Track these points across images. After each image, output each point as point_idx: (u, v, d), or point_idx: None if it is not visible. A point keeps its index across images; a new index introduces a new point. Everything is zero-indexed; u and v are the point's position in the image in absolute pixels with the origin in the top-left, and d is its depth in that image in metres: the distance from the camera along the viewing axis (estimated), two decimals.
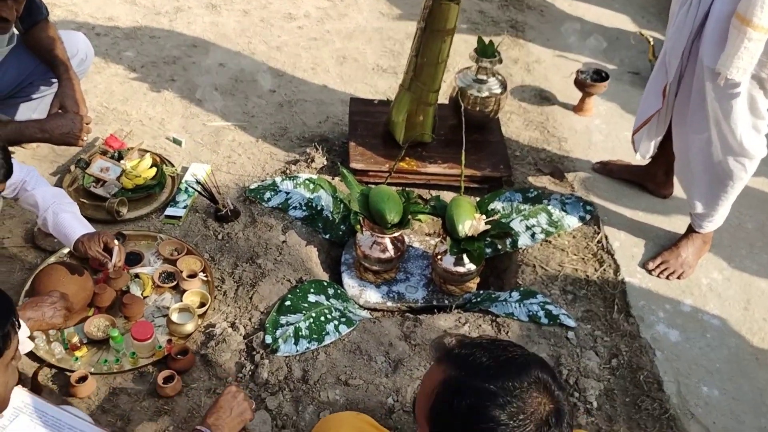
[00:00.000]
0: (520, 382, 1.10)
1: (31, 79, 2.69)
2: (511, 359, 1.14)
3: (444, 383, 1.14)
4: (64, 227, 2.17)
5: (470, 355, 1.15)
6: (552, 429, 1.09)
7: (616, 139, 3.35)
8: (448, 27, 2.57)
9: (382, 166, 2.79)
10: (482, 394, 1.09)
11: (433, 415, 1.15)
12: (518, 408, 1.08)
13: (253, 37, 3.69)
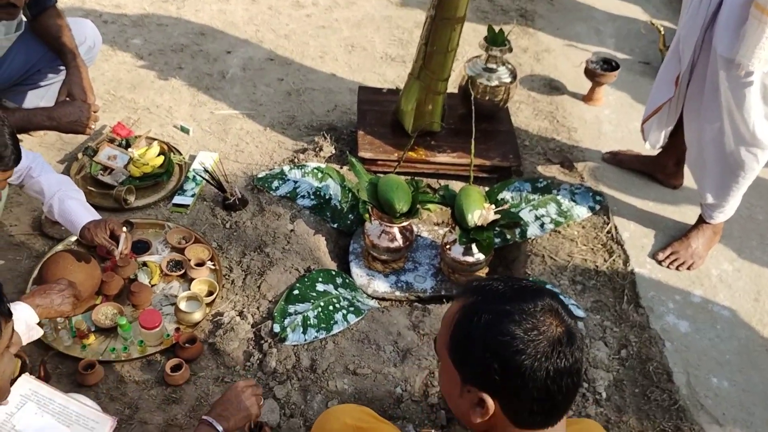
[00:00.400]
0: (533, 305, 1.18)
1: (38, 67, 2.67)
2: (524, 287, 1.23)
3: (463, 308, 1.22)
4: (70, 214, 2.17)
5: (487, 285, 1.24)
6: (564, 348, 1.16)
7: (625, 129, 3.32)
8: (458, 15, 2.55)
9: (390, 155, 2.78)
10: (499, 313, 1.17)
11: (453, 340, 1.23)
12: (532, 325, 1.15)
13: (261, 25, 3.67)
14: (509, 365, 1.14)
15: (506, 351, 1.14)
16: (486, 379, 1.17)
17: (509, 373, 1.15)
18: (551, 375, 1.15)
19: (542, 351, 1.14)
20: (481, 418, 1.21)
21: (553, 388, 1.16)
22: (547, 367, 1.14)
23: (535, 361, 1.14)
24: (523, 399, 1.16)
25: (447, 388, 1.29)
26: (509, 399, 1.18)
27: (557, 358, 1.15)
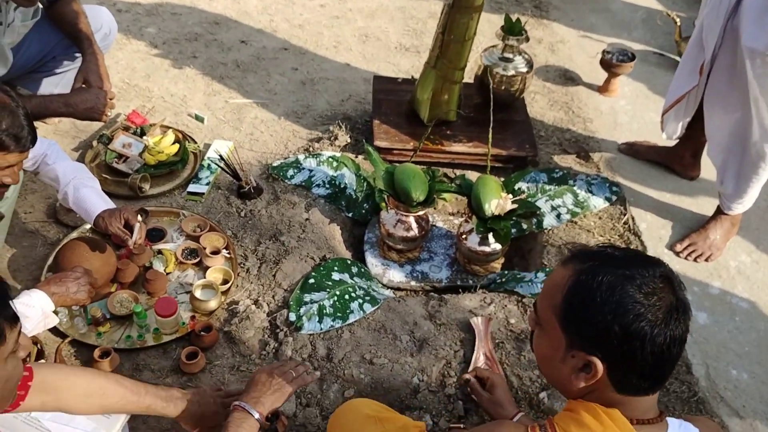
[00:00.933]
0: (653, 271, 1.19)
1: (54, 54, 2.67)
2: (639, 254, 1.26)
3: (579, 272, 1.21)
4: (84, 202, 2.15)
5: (602, 251, 1.25)
6: (680, 315, 1.18)
7: (641, 120, 3.29)
8: (476, 4, 2.53)
9: (406, 144, 2.76)
10: (621, 276, 1.18)
11: (567, 302, 1.22)
12: (652, 290, 1.16)
13: (275, 14, 3.66)
14: (631, 329, 1.15)
15: (629, 315, 1.15)
16: (603, 342, 1.18)
17: (630, 337, 1.15)
18: (668, 341, 1.16)
19: (661, 317, 1.16)
20: (585, 383, 1.22)
21: (666, 355, 1.17)
22: (665, 333, 1.16)
23: (654, 327, 1.15)
24: (638, 364, 1.17)
25: (547, 353, 1.29)
26: (622, 364, 1.18)
27: (674, 325, 1.17)
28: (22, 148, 1.76)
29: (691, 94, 2.70)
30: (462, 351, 2.16)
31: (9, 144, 1.72)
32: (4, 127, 1.69)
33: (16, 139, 1.73)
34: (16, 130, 1.72)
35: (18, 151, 1.76)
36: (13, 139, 1.72)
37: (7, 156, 1.74)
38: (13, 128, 1.71)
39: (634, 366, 1.18)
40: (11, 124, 1.70)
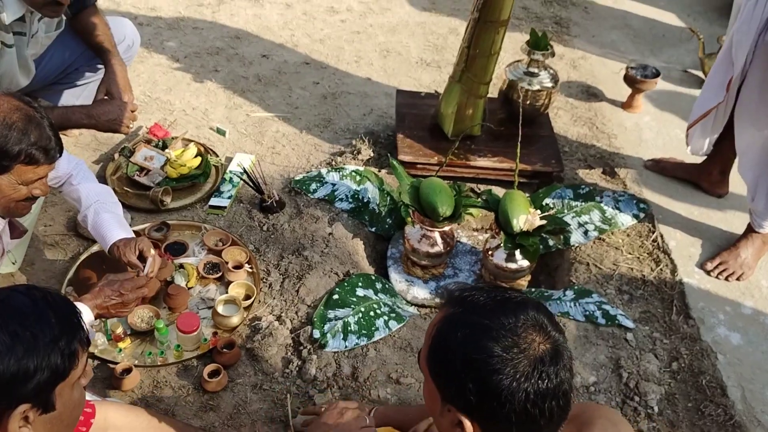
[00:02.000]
0: (515, 319, 1.11)
1: (76, 65, 2.65)
2: (508, 299, 1.16)
3: (442, 320, 1.17)
4: (102, 228, 2.09)
5: (469, 296, 1.18)
6: (547, 367, 1.09)
7: (666, 136, 3.25)
8: (502, 18, 2.50)
9: (430, 158, 2.72)
10: (477, 327, 1.11)
11: (431, 353, 1.16)
12: (512, 342, 1.08)
13: (296, 29, 3.65)
14: (485, 385, 1.07)
15: (482, 370, 1.07)
16: (463, 398, 1.10)
17: (486, 395, 1.07)
18: (531, 397, 1.06)
19: (522, 371, 1.06)
20: None
21: (534, 411, 1.07)
22: (526, 388, 1.06)
23: (513, 382, 1.06)
24: (502, 423, 1.08)
25: (428, 404, 1.21)
26: (487, 422, 1.10)
27: (539, 378, 1.07)
28: (51, 160, 1.73)
29: (719, 110, 2.65)
30: None
31: (39, 157, 1.70)
32: (32, 140, 1.67)
33: (45, 152, 1.71)
34: (44, 143, 1.69)
35: (47, 164, 1.73)
36: (42, 151, 1.70)
37: (37, 169, 1.72)
38: (42, 141, 1.69)
39: (500, 425, 1.09)
40: (39, 136, 1.68)
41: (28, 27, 2.26)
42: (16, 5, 2.14)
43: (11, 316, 1.12)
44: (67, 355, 1.15)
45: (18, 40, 2.24)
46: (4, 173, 1.68)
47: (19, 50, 2.27)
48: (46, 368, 1.12)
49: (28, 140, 1.66)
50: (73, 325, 1.19)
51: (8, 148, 1.64)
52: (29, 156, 1.68)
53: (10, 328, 1.10)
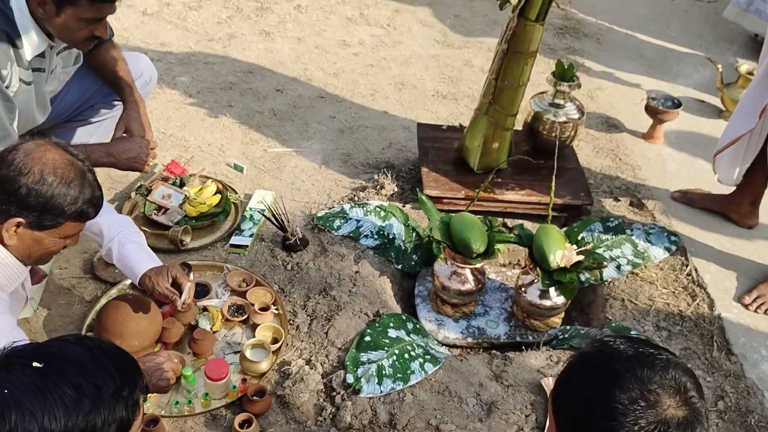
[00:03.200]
0: (651, 374, 1.02)
1: (91, 102, 2.58)
2: (652, 354, 1.07)
3: (574, 357, 1.12)
4: (129, 260, 2.02)
5: (611, 341, 1.10)
6: None
7: (691, 167, 3.19)
8: (531, 49, 2.45)
9: (457, 192, 2.64)
10: (606, 370, 1.04)
11: (555, 388, 1.10)
12: (640, 395, 1.00)
13: (309, 63, 3.60)
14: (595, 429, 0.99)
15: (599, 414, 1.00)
16: None
17: None
18: None
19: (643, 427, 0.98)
20: None
21: None
22: None
23: None
24: None
25: None
26: None
27: None
28: (97, 215, 1.68)
29: (751, 140, 2.61)
30: (534, 415, 2.00)
31: (90, 213, 1.66)
32: (87, 198, 1.63)
33: (95, 208, 1.67)
34: (96, 200, 1.66)
35: (93, 218, 1.67)
36: (94, 207, 1.67)
37: (83, 224, 1.66)
38: (94, 198, 1.65)
39: None
40: (92, 193, 1.65)
41: (47, 63, 2.19)
42: (39, 40, 2.07)
43: (72, 369, 1.04)
44: (130, 405, 1.08)
45: (37, 77, 2.17)
46: (52, 229, 1.61)
47: (38, 87, 2.20)
48: (112, 422, 1.04)
49: (84, 198, 1.62)
50: (132, 374, 1.11)
51: (65, 207, 1.60)
52: (82, 213, 1.64)
53: (74, 381, 1.02)
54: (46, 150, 1.61)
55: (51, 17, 2.02)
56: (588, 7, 4.46)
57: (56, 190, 1.58)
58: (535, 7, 2.37)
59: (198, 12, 3.92)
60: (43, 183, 1.57)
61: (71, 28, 2.05)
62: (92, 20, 2.05)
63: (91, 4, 2.01)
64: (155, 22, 3.79)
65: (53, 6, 1.99)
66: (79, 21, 2.03)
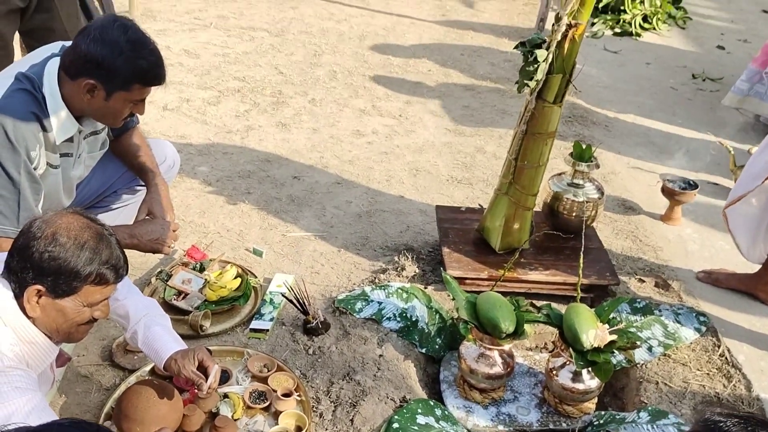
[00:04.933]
0: None
1: (115, 188, 2.59)
2: None
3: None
4: (155, 342, 1.97)
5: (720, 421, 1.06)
6: None
7: (712, 248, 3.17)
8: (550, 130, 2.48)
9: (480, 273, 2.61)
10: None
11: None
12: None
13: (325, 151, 3.65)
14: None
15: None
16: None
17: None
18: None
19: None
20: None
21: None
22: None
23: None
24: None
25: None
26: None
27: None
28: (119, 279, 1.65)
29: None
30: None
31: (109, 277, 1.61)
32: (104, 259, 1.58)
33: (115, 270, 1.62)
34: (115, 261, 1.62)
35: (115, 283, 1.64)
36: (113, 270, 1.62)
37: (104, 289, 1.63)
38: (113, 259, 1.61)
39: None
40: (110, 255, 1.61)
41: (75, 147, 2.21)
42: (69, 124, 2.11)
43: None
44: None
45: (64, 162, 2.19)
46: (72, 295, 1.58)
47: (65, 172, 2.21)
48: None
49: (100, 259, 1.58)
50: None
51: (80, 269, 1.56)
52: (100, 276, 1.59)
53: None
54: (63, 215, 1.61)
55: (98, 102, 2.06)
56: (594, 98, 4.57)
57: (69, 251, 1.55)
58: (552, 90, 2.41)
59: (217, 107, 4.02)
60: (56, 244, 1.55)
61: (117, 110, 2.10)
62: (138, 101, 2.10)
63: (142, 87, 2.07)
64: (175, 117, 3.88)
65: (103, 91, 2.03)
66: (126, 103, 2.08)
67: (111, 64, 1.99)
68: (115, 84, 2.03)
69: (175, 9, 5.40)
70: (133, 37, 2.04)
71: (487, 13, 5.84)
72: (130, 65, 2.01)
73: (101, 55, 1.99)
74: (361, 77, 4.53)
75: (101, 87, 2.03)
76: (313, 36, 5.12)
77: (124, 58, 2.00)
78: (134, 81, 2.04)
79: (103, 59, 1.99)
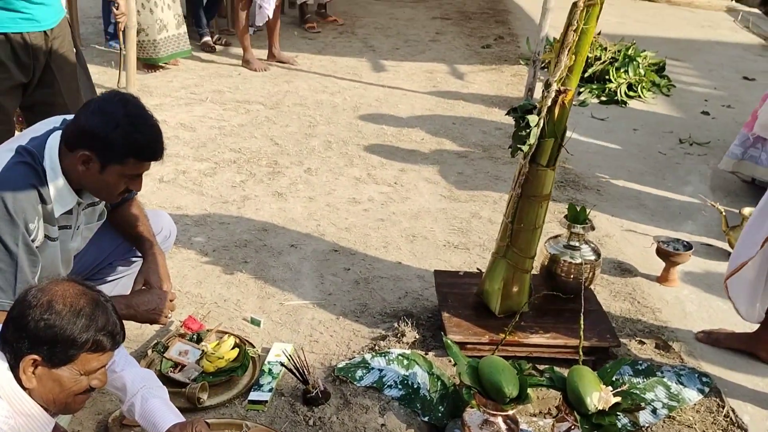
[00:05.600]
0: None
1: (110, 260, 2.59)
2: None
3: None
4: (153, 415, 1.93)
5: None
6: None
7: (710, 308, 3.17)
8: (544, 192, 2.52)
9: (480, 337, 2.59)
10: None
11: None
12: None
13: (321, 219, 3.68)
14: None
15: None
16: None
17: None
18: None
19: None
20: None
21: None
22: None
23: None
24: None
25: None
26: None
27: None
28: (116, 346, 1.64)
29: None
30: None
31: (106, 344, 1.60)
32: (100, 326, 1.58)
33: (112, 337, 1.62)
34: (111, 328, 1.61)
35: (112, 350, 1.62)
36: (110, 337, 1.61)
37: (101, 357, 1.62)
38: (109, 326, 1.61)
39: None
40: (107, 321, 1.61)
41: (74, 219, 2.22)
42: (68, 197, 2.12)
43: None
44: None
45: (63, 234, 2.20)
46: (68, 364, 1.56)
47: (63, 244, 2.22)
48: None
49: (96, 326, 1.58)
50: None
51: (76, 336, 1.55)
52: (97, 343, 1.58)
53: None
54: (58, 283, 1.63)
55: (92, 174, 2.06)
56: (584, 164, 4.64)
57: (65, 319, 1.55)
58: (545, 154, 2.47)
59: (213, 178, 4.07)
60: (52, 312, 1.55)
61: (112, 184, 2.10)
62: (134, 176, 2.11)
63: (138, 162, 2.07)
64: (172, 188, 3.91)
65: (98, 164, 2.04)
66: (121, 177, 2.09)
67: (106, 137, 2.01)
68: (109, 157, 2.03)
69: (171, 84, 5.52)
70: (132, 111, 2.07)
71: (477, 84, 6.00)
72: (125, 139, 2.02)
73: (98, 126, 2.01)
74: (356, 147, 4.61)
75: (96, 159, 2.03)
76: (308, 108, 5.23)
77: (120, 131, 2.01)
78: (129, 155, 2.04)
79: (99, 131, 2.01)
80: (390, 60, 6.50)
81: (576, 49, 2.31)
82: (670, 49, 6.93)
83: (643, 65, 5.94)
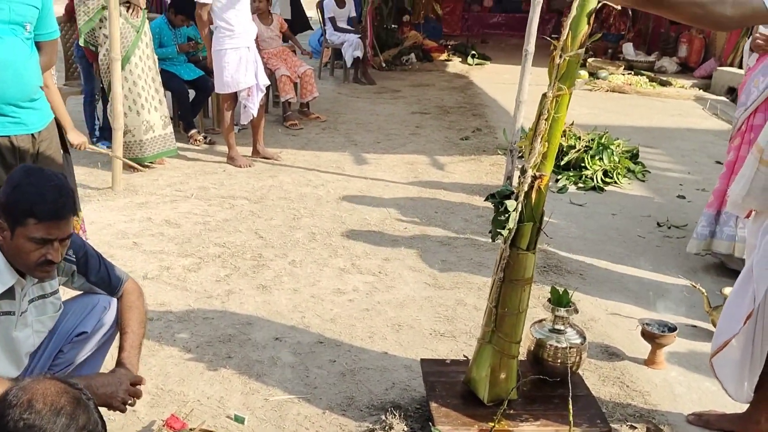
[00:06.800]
0: None
1: (60, 348, 2.50)
2: None
3: None
4: None
5: None
6: None
7: (698, 390, 3.15)
8: (526, 276, 2.55)
9: (470, 427, 2.54)
10: None
11: None
12: None
13: (306, 311, 3.66)
14: None
15: None
16: None
17: None
18: None
19: None
20: None
21: None
22: None
23: None
24: None
25: None
26: None
27: None
28: None
29: (753, 353, 2.62)
30: None
31: None
32: (81, 425, 1.56)
33: None
34: (92, 427, 1.59)
35: None
36: None
37: None
38: (90, 424, 1.58)
39: None
40: (87, 420, 1.58)
41: (17, 306, 2.18)
42: (7, 274, 2.09)
43: None
44: None
45: (6, 320, 2.14)
46: None
47: (6, 331, 2.15)
48: None
49: (77, 425, 1.55)
50: None
51: None
52: None
53: None
54: (40, 381, 1.59)
55: (7, 242, 2.07)
56: (565, 248, 4.70)
57: (45, 418, 1.52)
58: (525, 238, 2.51)
59: (197, 273, 4.06)
60: (32, 411, 1.52)
61: (24, 251, 2.07)
62: (41, 240, 2.06)
63: (37, 223, 2.04)
64: (155, 285, 3.90)
65: (9, 229, 2.06)
66: (29, 241, 2.05)
67: (7, 199, 2.05)
68: (12, 220, 2.05)
69: (157, 183, 5.60)
70: (33, 173, 2.09)
71: (457, 174, 6.14)
72: (22, 198, 2.03)
73: (2, 192, 2.07)
74: (340, 237, 4.65)
75: (7, 226, 2.06)
76: (292, 201, 5.30)
77: (17, 192, 2.04)
78: (27, 215, 2.04)
79: (3, 196, 2.06)
80: (372, 153, 6.66)
81: (548, 137, 2.39)
82: (643, 137, 7.18)
83: (617, 152, 6.13)
